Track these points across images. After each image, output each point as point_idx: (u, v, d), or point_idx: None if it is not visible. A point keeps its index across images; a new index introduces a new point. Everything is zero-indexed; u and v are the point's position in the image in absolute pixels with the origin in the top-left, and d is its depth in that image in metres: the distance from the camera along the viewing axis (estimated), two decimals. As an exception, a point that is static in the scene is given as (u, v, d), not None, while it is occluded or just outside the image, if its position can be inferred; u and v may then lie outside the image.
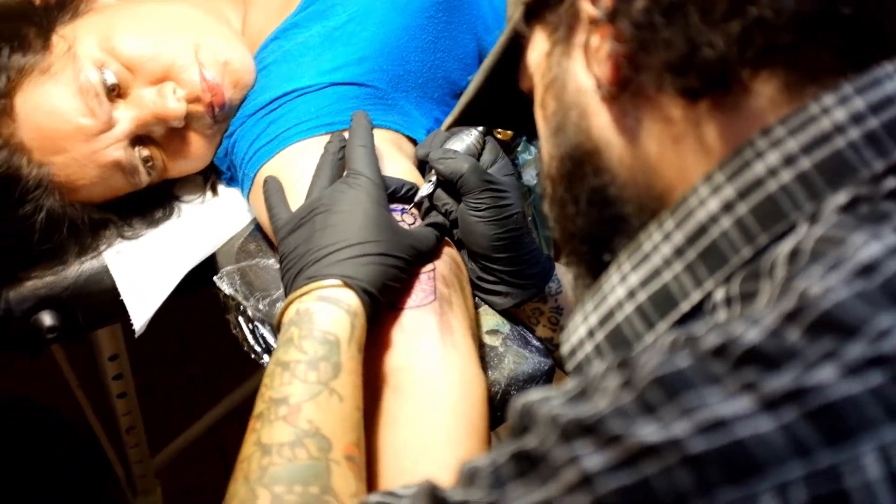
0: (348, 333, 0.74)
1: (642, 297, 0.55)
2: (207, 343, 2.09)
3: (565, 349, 0.59)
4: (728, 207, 0.51)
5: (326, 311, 0.75)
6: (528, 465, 0.44)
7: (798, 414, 0.39)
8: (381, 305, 0.79)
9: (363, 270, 0.77)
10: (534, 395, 0.47)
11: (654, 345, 0.47)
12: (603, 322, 0.57)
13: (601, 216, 0.58)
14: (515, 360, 0.93)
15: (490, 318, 0.95)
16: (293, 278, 0.79)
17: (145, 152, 1.00)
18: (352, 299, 0.76)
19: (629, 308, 0.55)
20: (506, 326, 0.95)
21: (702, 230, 0.52)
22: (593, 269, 0.61)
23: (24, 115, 0.95)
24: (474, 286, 0.94)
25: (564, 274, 0.96)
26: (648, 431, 0.40)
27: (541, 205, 1.12)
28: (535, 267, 0.92)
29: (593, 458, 0.41)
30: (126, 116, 0.97)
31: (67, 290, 1.01)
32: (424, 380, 0.79)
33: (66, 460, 1.63)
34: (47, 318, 1.00)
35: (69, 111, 0.95)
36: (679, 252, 0.53)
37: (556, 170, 0.61)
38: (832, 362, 0.40)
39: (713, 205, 0.51)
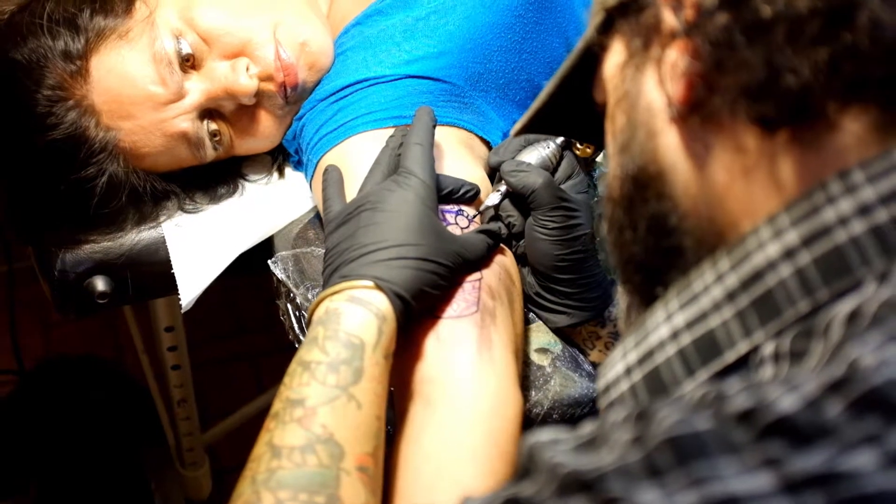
0: (374, 338, 0.71)
1: (686, 340, 0.50)
2: (270, 323, 2.10)
3: (600, 384, 0.55)
4: (789, 254, 0.46)
5: (354, 313, 0.72)
6: None
7: (824, 502, 0.34)
8: (419, 312, 0.76)
9: (399, 273, 0.74)
10: (543, 435, 0.43)
11: (681, 398, 0.42)
12: (642, 361, 0.52)
13: (658, 246, 0.54)
14: (563, 382, 0.89)
15: (542, 336, 0.91)
16: (330, 275, 0.77)
17: (213, 126, 0.99)
18: (382, 303, 0.73)
19: (671, 350, 0.50)
20: (557, 346, 0.91)
21: (758, 276, 0.47)
22: (646, 300, 0.56)
23: (98, 77, 0.95)
24: (531, 302, 0.90)
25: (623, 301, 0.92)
26: (649, 499, 0.36)
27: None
28: (596, 290, 0.88)
29: None
30: (197, 88, 0.96)
31: (122, 258, 1.01)
32: (454, 394, 0.75)
33: (124, 420, 1.66)
34: (100, 284, 1.00)
35: (141, 78, 0.94)
36: (731, 296, 0.48)
37: (618, 191, 0.57)
38: (873, 448, 0.35)
39: (773, 250, 0.46)
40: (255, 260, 1.02)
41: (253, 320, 2.12)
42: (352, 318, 0.72)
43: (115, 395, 1.69)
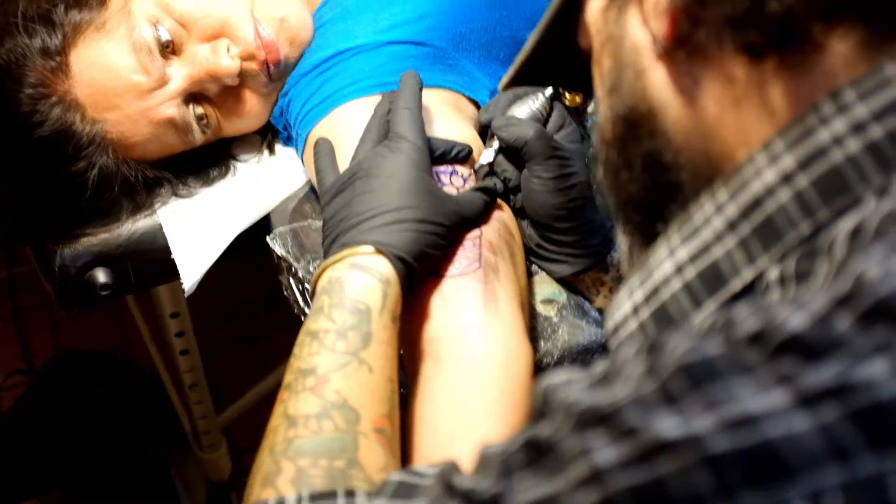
0: (380, 302, 0.72)
1: (691, 273, 0.50)
2: (275, 301, 2.11)
3: (608, 326, 0.55)
4: (787, 179, 0.46)
5: (357, 280, 0.72)
6: (538, 455, 0.41)
7: (840, 413, 0.35)
8: (422, 273, 0.76)
9: (399, 237, 0.74)
10: (556, 377, 0.44)
11: (690, 328, 0.43)
12: (648, 298, 0.53)
13: (655, 183, 0.54)
14: (571, 330, 0.89)
15: (546, 287, 0.92)
16: (329, 245, 0.77)
17: (199, 110, 0.99)
18: (384, 267, 0.73)
19: (676, 285, 0.51)
20: (562, 296, 0.91)
21: (757, 203, 0.47)
22: (647, 238, 0.57)
23: (79, 71, 0.94)
24: (533, 254, 0.91)
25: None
26: (667, 426, 0.37)
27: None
28: (597, 237, 0.88)
29: (606, 452, 0.37)
30: (179, 73, 0.96)
31: (121, 248, 1.01)
32: (464, 350, 0.76)
33: (138, 411, 1.67)
34: (101, 275, 1.00)
35: (123, 68, 0.94)
36: (732, 226, 0.48)
37: (611, 133, 0.58)
38: (884, 356, 0.35)
39: (770, 176, 0.47)
40: (253, 239, 1.02)
41: (256, 302, 2.13)
42: (356, 285, 0.72)
43: (126, 387, 1.71)
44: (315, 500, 0.60)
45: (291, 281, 0.96)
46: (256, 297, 2.13)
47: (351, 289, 0.72)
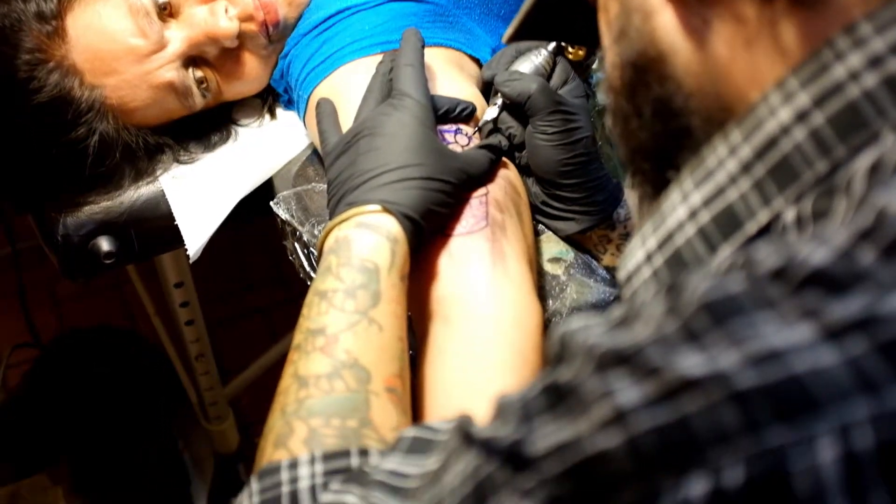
0: (388, 261, 0.71)
1: (705, 217, 0.49)
2: (278, 274, 2.10)
3: (621, 275, 0.54)
4: (802, 117, 0.45)
5: (365, 238, 0.71)
6: (558, 399, 0.40)
7: (867, 346, 0.34)
8: (428, 232, 0.76)
9: (405, 195, 0.73)
10: (574, 323, 0.43)
11: (709, 269, 0.42)
12: (662, 245, 0.52)
13: (665, 129, 0.53)
14: (579, 289, 0.88)
15: (553, 246, 0.91)
16: (335, 205, 0.76)
17: (199, 73, 0.98)
18: (392, 225, 0.72)
19: (690, 230, 0.50)
20: (569, 254, 0.91)
21: (772, 143, 0.46)
22: (658, 188, 0.56)
23: (76, 36, 0.93)
24: (538, 212, 0.90)
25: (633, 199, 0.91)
26: (691, 363, 0.36)
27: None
28: (602, 193, 0.87)
29: (629, 393, 0.36)
30: (178, 36, 0.95)
31: (123, 216, 1.00)
32: (473, 309, 0.75)
33: (145, 385, 1.67)
34: (104, 244, 0.99)
35: (120, 31, 0.93)
36: (746, 168, 0.47)
37: (619, 80, 0.56)
38: None
39: (785, 115, 0.45)
40: (257, 205, 1.01)
41: (260, 275, 2.12)
42: (363, 244, 0.71)
43: (132, 361, 1.70)
44: (328, 459, 0.59)
45: (296, 245, 0.95)
46: (259, 271, 2.13)
47: (358, 248, 0.71)
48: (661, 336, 0.37)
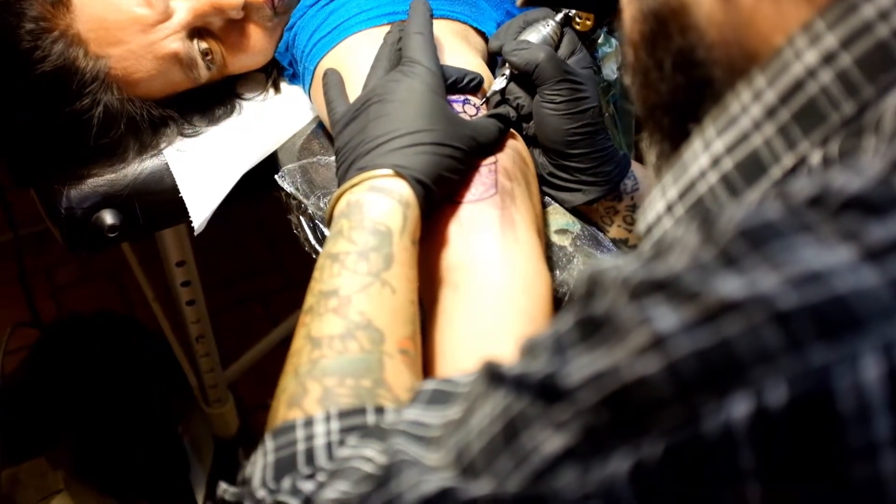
0: (400, 224, 0.70)
1: (728, 164, 0.49)
2: (279, 259, 2.10)
3: (641, 227, 0.54)
4: (829, 59, 0.44)
5: (377, 202, 0.71)
6: (592, 330, 0.39)
7: None
8: (438, 199, 0.75)
9: (416, 160, 0.73)
10: (604, 263, 0.42)
11: (741, 203, 0.42)
12: (683, 194, 0.51)
13: (687, 81, 0.53)
14: (586, 260, 0.88)
15: (559, 217, 0.91)
16: (345, 171, 0.76)
17: (204, 45, 0.97)
18: (404, 189, 0.72)
19: (713, 177, 0.49)
20: (576, 226, 0.90)
21: (797, 86, 0.46)
22: (677, 143, 0.55)
23: (80, 5, 0.93)
24: (545, 183, 0.90)
25: (640, 169, 0.91)
26: (731, 287, 0.36)
27: (621, 100, 1.07)
28: (609, 164, 0.87)
29: (666, 318, 0.36)
30: (183, 6, 0.94)
31: (127, 189, 0.99)
32: (483, 276, 0.75)
33: (144, 370, 1.66)
34: (108, 217, 0.98)
35: (125, 1, 0.92)
36: (771, 112, 0.47)
37: (639, 32, 0.56)
38: None
39: (811, 57, 0.45)
40: (261, 179, 1.00)
41: (258, 261, 2.12)
42: (375, 207, 0.71)
43: (132, 346, 1.69)
44: (344, 416, 0.59)
45: (301, 219, 0.95)
46: (258, 257, 2.12)
47: (371, 211, 0.71)
48: (698, 263, 0.37)
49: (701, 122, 0.52)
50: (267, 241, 2.14)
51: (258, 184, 1.01)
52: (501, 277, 0.75)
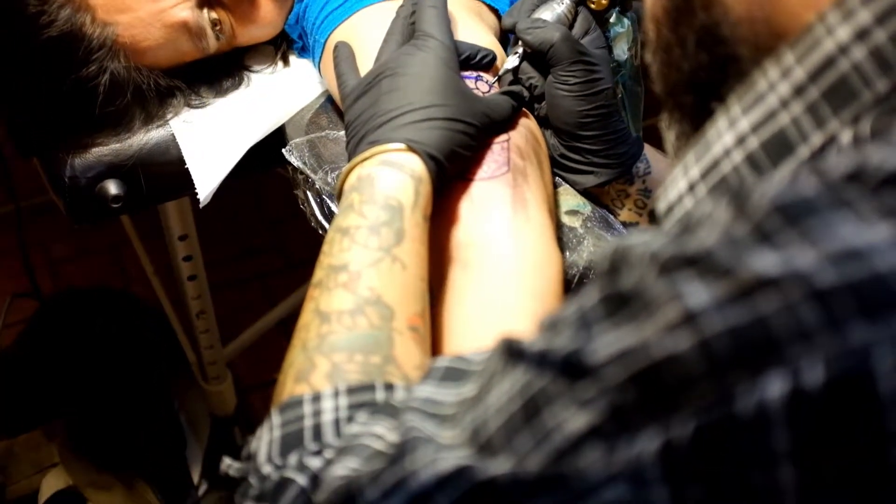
0: (412, 199, 0.69)
1: (753, 143, 0.47)
2: (279, 238, 2.09)
3: (661, 206, 0.53)
4: (862, 35, 0.43)
5: (389, 176, 0.70)
6: (619, 306, 0.38)
7: None
8: (450, 175, 0.74)
9: (429, 134, 0.72)
10: (629, 238, 0.41)
11: (772, 178, 0.40)
12: (706, 174, 0.50)
13: (711, 58, 0.51)
14: (596, 242, 0.87)
15: (570, 198, 0.89)
16: (356, 145, 0.74)
17: (213, 15, 0.96)
18: (416, 164, 0.71)
19: (737, 156, 0.48)
20: (587, 207, 0.89)
21: (828, 63, 0.44)
22: (698, 123, 0.54)
23: None
24: (556, 165, 0.88)
25: (653, 152, 0.90)
26: (766, 263, 0.34)
27: (630, 82, 1.06)
28: (622, 146, 0.86)
29: (699, 294, 0.35)
30: None
31: (132, 159, 0.98)
32: (493, 255, 0.73)
33: (142, 345, 1.65)
34: (112, 187, 0.97)
35: None
36: (799, 90, 0.46)
37: (662, 8, 0.54)
38: None
39: (844, 33, 0.44)
40: (268, 153, 0.99)
41: (258, 241, 2.10)
42: (387, 181, 0.70)
43: (130, 320, 1.68)
44: (353, 392, 0.58)
45: (308, 194, 0.93)
46: (258, 237, 2.11)
47: (382, 185, 0.70)
48: (731, 238, 0.36)
49: (725, 100, 0.51)
50: (266, 219, 2.13)
51: (265, 158, 1.00)
52: (512, 256, 0.74)
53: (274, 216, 2.13)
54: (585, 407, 0.37)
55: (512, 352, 0.43)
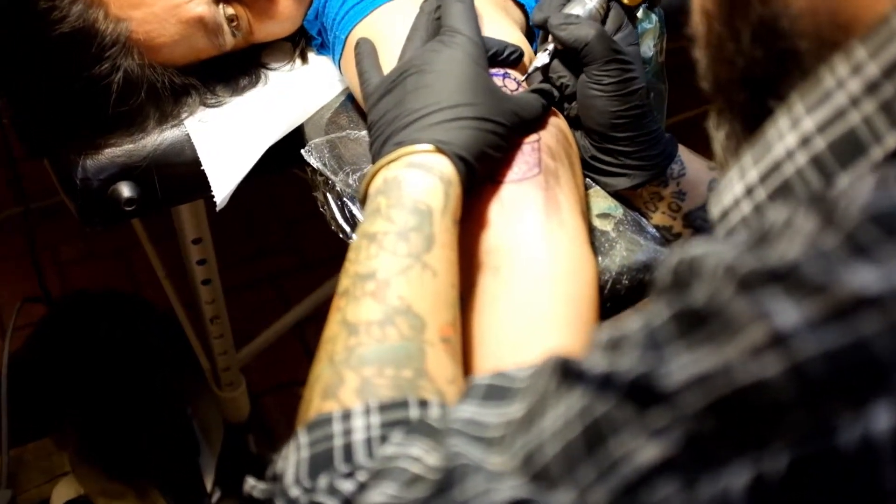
0: (442, 203, 0.66)
1: (820, 144, 0.44)
2: (292, 239, 2.06)
3: (716, 211, 0.49)
4: None
5: (417, 179, 0.66)
6: (694, 325, 0.34)
7: None
8: (479, 177, 0.71)
9: (458, 135, 0.68)
10: (694, 248, 0.38)
11: (854, 184, 0.37)
12: (766, 177, 0.46)
13: (768, 53, 0.48)
14: (629, 246, 0.84)
15: (601, 201, 0.86)
16: (381, 146, 0.71)
17: (230, 10, 0.93)
18: (445, 166, 0.67)
19: (801, 158, 0.45)
20: (619, 210, 0.86)
21: None
22: (752, 122, 0.50)
23: None
24: (587, 167, 0.85)
25: (687, 153, 0.86)
26: (866, 279, 0.31)
27: (654, 79, 1.02)
28: (656, 147, 0.83)
29: (788, 313, 0.31)
30: None
31: (146, 160, 0.94)
32: (526, 260, 0.70)
33: (154, 350, 1.62)
34: (126, 190, 0.94)
35: None
36: (872, 87, 0.42)
37: (713, 2, 0.51)
38: None
39: None
40: (286, 153, 0.96)
41: (271, 241, 2.07)
42: (415, 184, 0.66)
43: (141, 325, 1.65)
44: (385, 410, 0.54)
45: (329, 196, 0.90)
46: (270, 237, 2.08)
47: (410, 188, 0.66)
48: (820, 251, 0.32)
49: (783, 98, 0.47)
50: (280, 220, 2.09)
51: (282, 158, 0.97)
52: (545, 262, 0.71)
53: (287, 215, 2.10)
54: (658, 436, 0.34)
55: (568, 372, 0.40)
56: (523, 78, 0.82)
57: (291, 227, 2.10)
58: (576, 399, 0.38)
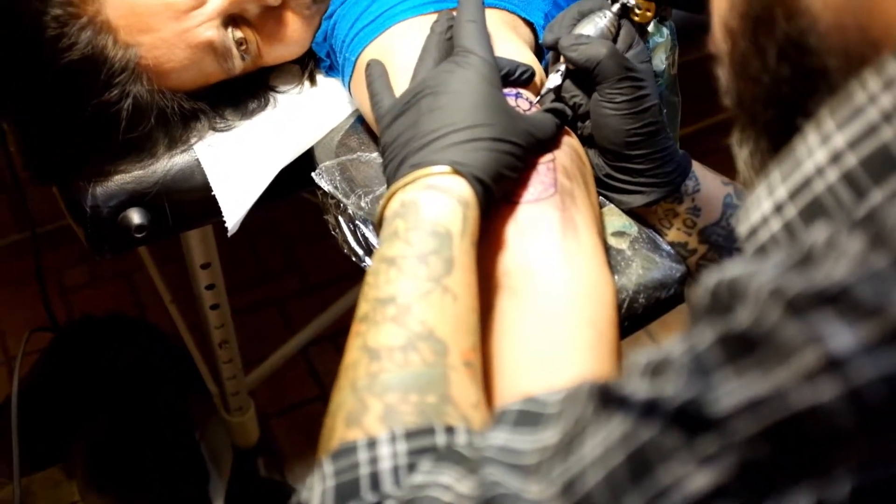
0: (460, 225, 0.65)
1: (851, 160, 0.43)
2: (294, 262, 2.05)
3: (743, 229, 0.48)
4: None
5: (435, 201, 0.66)
6: (742, 350, 0.34)
7: None
8: (496, 198, 0.70)
9: (475, 156, 0.68)
10: (732, 268, 0.37)
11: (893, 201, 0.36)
12: (795, 194, 0.45)
13: (795, 70, 0.47)
14: (644, 264, 0.83)
15: (616, 219, 0.86)
16: (396, 168, 0.70)
17: (239, 34, 0.92)
18: (463, 188, 0.67)
19: (832, 175, 0.44)
20: (633, 228, 0.86)
21: None
22: (778, 139, 0.50)
23: None
24: (601, 185, 0.85)
25: (701, 169, 0.86)
26: None
27: (666, 92, 1.02)
28: (670, 164, 0.83)
29: (841, 336, 0.31)
30: None
31: (156, 186, 0.94)
32: (544, 282, 0.69)
33: (161, 376, 1.61)
34: (136, 216, 0.93)
35: None
36: None
37: (737, 18, 0.50)
38: None
39: None
40: (297, 177, 0.95)
41: (273, 265, 2.06)
42: (433, 207, 0.66)
43: (149, 350, 1.64)
44: (412, 437, 0.53)
45: (340, 219, 0.89)
46: (273, 261, 2.07)
47: (428, 211, 0.65)
48: (871, 272, 0.32)
49: (811, 115, 0.47)
50: (282, 242, 2.09)
51: (292, 182, 0.96)
52: (564, 283, 0.70)
53: (288, 237, 2.09)
54: (709, 464, 0.33)
55: (608, 398, 0.39)
56: (536, 99, 0.82)
57: (291, 248, 2.09)
58: (616, 425, 0.37)
